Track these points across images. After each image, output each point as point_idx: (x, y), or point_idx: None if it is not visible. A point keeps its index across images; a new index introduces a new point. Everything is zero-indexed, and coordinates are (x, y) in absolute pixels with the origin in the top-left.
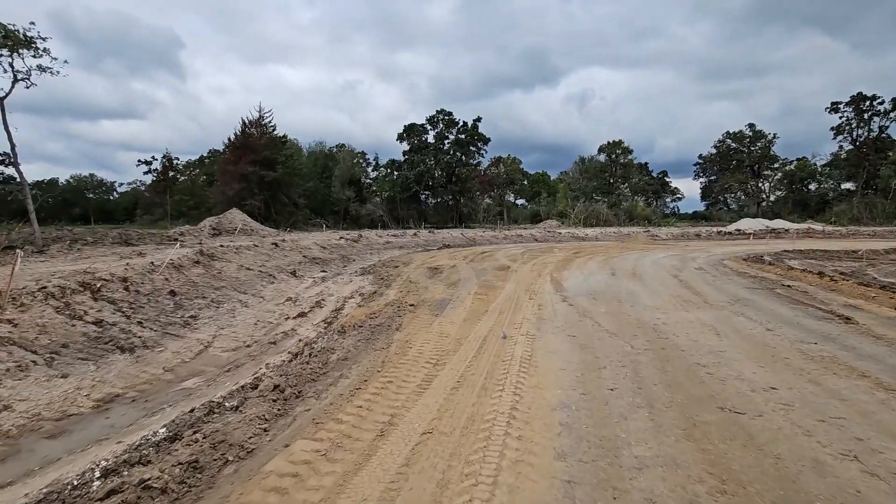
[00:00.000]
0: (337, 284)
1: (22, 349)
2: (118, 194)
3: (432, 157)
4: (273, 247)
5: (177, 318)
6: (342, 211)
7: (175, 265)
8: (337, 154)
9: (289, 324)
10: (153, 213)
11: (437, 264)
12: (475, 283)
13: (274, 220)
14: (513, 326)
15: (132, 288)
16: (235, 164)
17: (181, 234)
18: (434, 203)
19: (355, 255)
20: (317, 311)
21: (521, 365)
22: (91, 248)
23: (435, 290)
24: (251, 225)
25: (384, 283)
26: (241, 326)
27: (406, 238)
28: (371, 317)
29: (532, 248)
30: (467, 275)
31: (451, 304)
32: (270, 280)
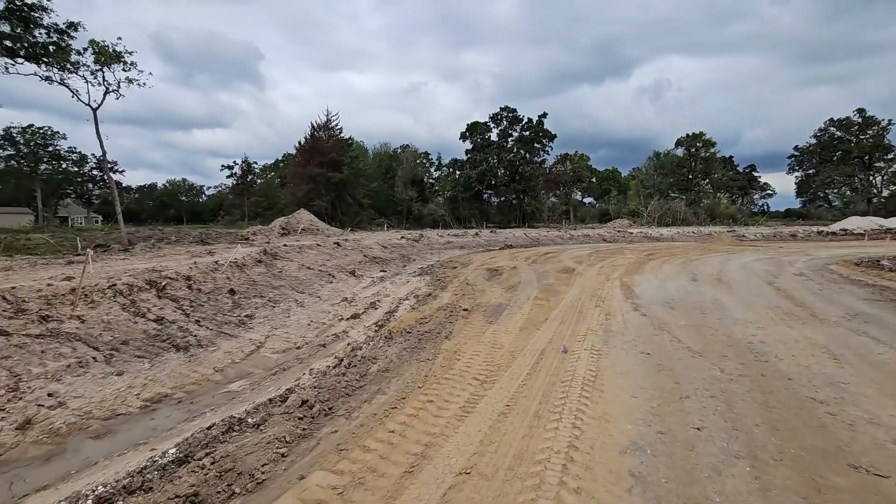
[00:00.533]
0: (394, 285)
1: (86, 345)
2: (206, 197)
3: (495, 155)
4: (335, 246)
5: (233, 317)
6: (405, 211)
7: (238, 264)
8: (400, 155)
9: (341, 325)
10: (233, 213)
11: (497, 266)
12: (536, 287)
13: (339, 220)
14: (575, 339)
15: (195, 286)
16: (304, 167)
17: (253, 233)
18: (497, 202)
19: (415, 254)
20: (371, 313)
21: (583, 388)
22: (171, 246)
23: (492, 293)
24: (317, 225)
25: (440, 284)
26: (294, 327)
27: (467, 238)
28: (421, 322)
29: (600, 249)
30: (528, 277)
31: (507, 311)
32: (329, 279)
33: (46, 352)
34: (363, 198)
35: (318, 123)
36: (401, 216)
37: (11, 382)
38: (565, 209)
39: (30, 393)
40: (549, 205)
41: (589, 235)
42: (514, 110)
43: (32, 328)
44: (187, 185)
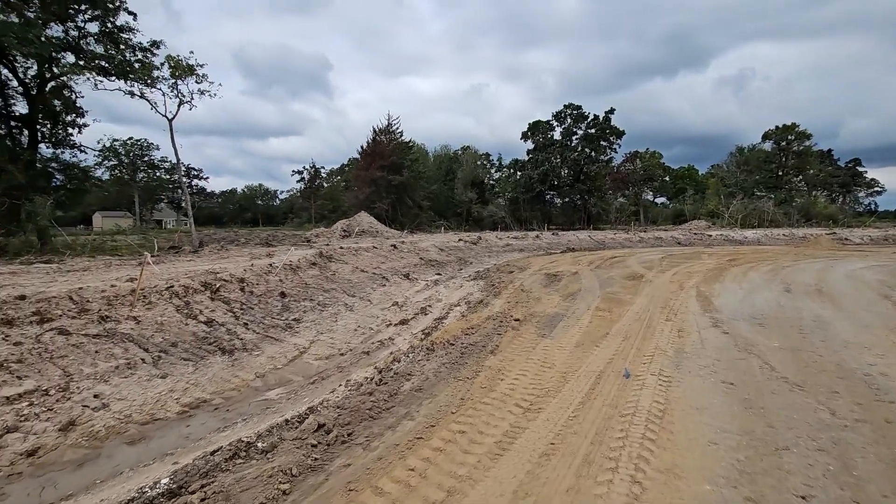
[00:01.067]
0: (448, 289)
1: (137, 346)
2: (279, 200)
3: (558, 154)
4: (391, 249)
5: (280, 321)
6: (465, 213)
7: (292, 267)
8: (461, 156)
9: (388, 331)
10: (301, 216)
11: (557, 270)
12: (597, 296)
13: (399, 222)
14: (640, 360)
15: (247, 289)
16: (366, 170)
17: (316, 235)
18: (560, 203)
19: (472, 257)
20: (420, 319)
21: (648, 425)
22: (238, 248)
23: (548, 301)
24: (376, 227)
25: (493, 290)
26: (340, 332)
27: (527, 241)
28: (467, 332)
29: (673, 254)
30: (590, 284)
31: (563, 322)
32: (382, 283)
33: (100, 352)
34: (423, 200)
35: (380, 127)
36: (460, 218)
37: (63, 382)
38: (634, 210)
39: (78, 393)
40: (616, 206)
41: (661, 238)
42: (578, 107)
43: (91, 328)
44: (263, 189)
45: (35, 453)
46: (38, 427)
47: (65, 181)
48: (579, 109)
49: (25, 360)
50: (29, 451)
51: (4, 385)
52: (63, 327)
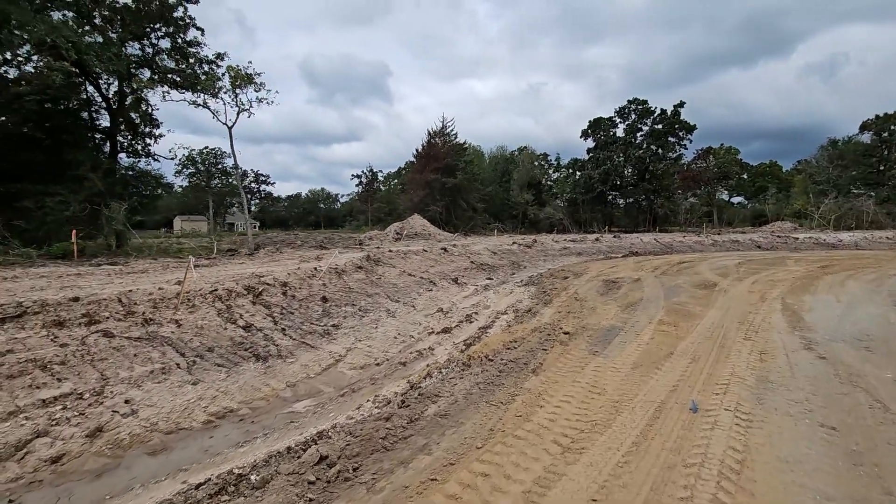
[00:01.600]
0: (497, 295)
1: (174, 350)
2: (340, 204)
3: (621, 152)
4: (441, 252)
5: (318, 327)
6: (520, 215)
7: (338, 270)
8: (517, 157)
9: (430, 340)
10: (358, 219)
11: (617, 276)
12: (662, 307)
13: (453, 225)
14: (712, 389)
15: (289, 293)
16: (420, 173)
17: (369, 238)
18: (623, 204)
19: (527, 261)
20: (463, 328)
21: (720, 483)
22: (292, 251)
23: (604, 312)
24: (429, 229)
25: (544, 297)
26: (379, 339)
27: (586, 244)
28: (509, 346)
29: (752, 259)
30: (653, 293)
31: (620, 337)
32: (429, 287)
33: (138, 356)
34: (477, 202)
35: (434, 130)
36: (516, 220)
37: (99, 386)
38: (707, 211)
39: (110, 398)
40: (686, 206)
41: (738, 241)
42: (643, 102)
43: (134, 331)
44: (325, 193)
45: (59, 460)
46: (67, 433)
47: (139, 188)
48: (645, 104)
49: (68, 361)
50: (54, 458)
51: (44, 387)
52: (108, 329)
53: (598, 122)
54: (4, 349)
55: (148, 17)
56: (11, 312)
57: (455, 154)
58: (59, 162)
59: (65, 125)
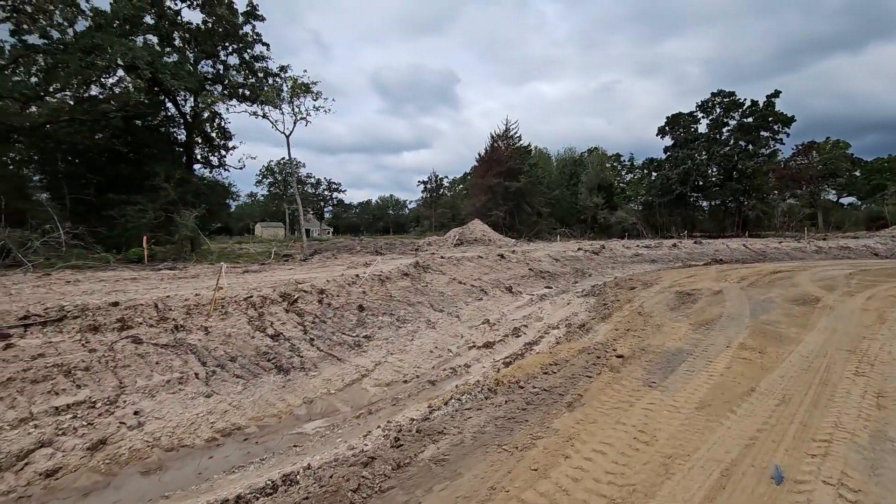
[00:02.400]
0: (553, 306)
1: (197, 359)
2: (408, 210)
3: (704, 150)
4: (498, 258)
5: (350, 337)
6: (589, 219)
7: (382, 277)
8: (586, 158)
9: (468, 356)
10: (423, 224)
11: (693, 288)
12: (746, 326)
13: (517, 230)
14: (806, 447)
15: (325, 300)
16: (483, 177)
17: (428, 243)
18: (707, 206)
19: (592, 269)
20: (508, 343)
21: None
22: (347, 257)
23: (671, 331)
24: (489, 235)
25: (603, 311)
26: (413, 353)
27: (662, 250)
28: (548, 370)
29: (867, 268)
30: (737, 308)
31: (686, 364)
32: (479, 296)
33: (160, 363)
34: (542, 206)
35: (497, 133)
36: (584, 225)
37: (114, 395)
38: (810, 213)
39: (122, 408)
40: (782, 208)
41: (848, 247)
42: (731, 93)
43: (163, 337)
44: (394, 200)
45: (54, 474)
46: (70, 444)
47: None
48: (731, 96)
49: (92, 367)
50: (49, 471)
51: (62, 393)
52: (138, 336)
53: (677, 118)
54: (37, 353)
55: (218, 35)
56: (54, 316)
57: (518, 157)
58: (141, 174)
59: (147, 139)
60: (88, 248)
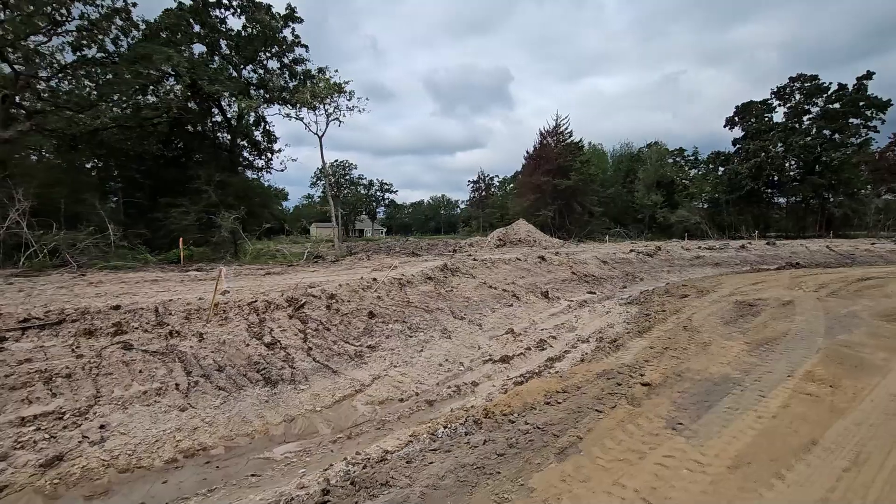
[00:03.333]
0: (592, 314)
1: (182, 368)
2: (459, 210)
3: (779, 141)
4: (538, 261)
5: (352, 347)
6: (647, 218)
7: (403, 281)
8: (644, 154)
9: (480, 371)
10: (471, 225)
11: (759, 297)
12: (817, 349)
13: (567, 230)
14: None
15: (334, 306)
16: (531, 176)
17: (470, 244)
18: (785, 204)
19: (644, 272)
20: (529, 356)
21: None
22: (382, 257)
23: (720, 351)
24: (534, 235)
25: (643, 323)
26: (419, 366)
27: (727, 252)
28: (551, 398)
29: None
30: (808, 324)
31: (728, 400)
32: (510, 302)
33: (143, 371)
34: (594, 205)
35: (546, 129)
36: (642, 225)
37: (86, 405)
38: None
39: (90, 420)
40: (877, 205)
41: None
42: (813, 77)
43: (154, 343)
44: (445, 200)
45: (0, 492)
46: (24, 459)
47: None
48: (814, 80)
49: (74, 374)
50: None
51: (36, 402)
52: (129, 341)
53: (748, 107)
54: (25, 357)
55: (258, 41)
56: (53, 319)
57: (569, 154)
58: (187, 177)
59: (193, 144)
60: (134, 249)
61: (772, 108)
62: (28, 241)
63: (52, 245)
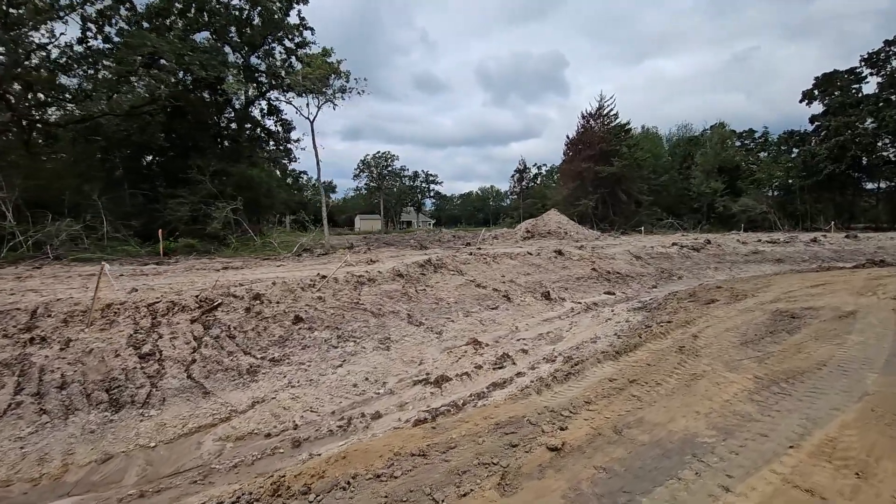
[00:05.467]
0: (594, 320)
1: (15, 384)
2: (508, 201)
3: (870, 116)
4: (554, 256)
5: (248, 361)
6: (705, 207)
7: (363, 279)
8: (704, 136)
9: (402, 396)
10: (513, 216)
11: (812, 304)
12: (860, 395)
13: (610, 221)
14: None
15: (256, 308)
16: (570, 163)
17: (494, 237)
18: (876, 190)
19: (685, 270)
20: (475, 378)
21: None
22: (381, 251)
23: (708, 391)
24: (565, 227)
25: (635, 338)
26: (325, 386)
27: (794, 246)
28: (394, 463)
29: None
30: (862, 350)
31: (662, 495)
32: (495, 304)
33: None
34: (645, 193)
35: (589, 112)
36: (700, 215)
37: None
38: None
39: None
40: None
41: None
42: None
43: (6, 352)
44: (494, 191)
45: None
46: None
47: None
48: None
49: None
50: None
51: None
52: None
53: (831, 78)
54: None
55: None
56: None
57: (614, 137)
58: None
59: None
60: (126, 240)
61: (861, 77)
62: (14, 232)
63: (36, 237)
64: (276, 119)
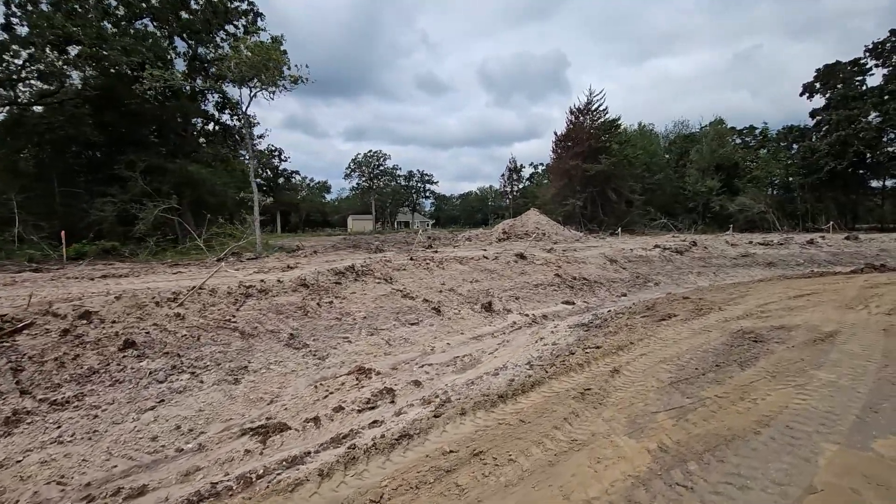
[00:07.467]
0: (532, 338)
1: None
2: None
3: (875, 109)
4: (515, 260)
5: (12, 405)
6: (700, 207)
7: (253, 291)
8: (699, 134)
9: (216, 452)
10: (503, 216)
11: (787, 322)
12: (808, 480)
13: (600, 221)
14: None
15: (78, 330)
16: (559, 160)
17: (467, 238)
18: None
19: (664, 275)
20: (317, 429)
21: None
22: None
23: (568, 482)
24: (544, 228)
25: (539, 372)
26: (103, 443)
27: (788, 248)
28: None
29: None
30: (832, 395)
31: None
32: (417, 319)
33: None
34: (634, 193)
35: (578, 107)
36: (695, 214)
37: None
38: None
39: None
40: None
41: None
42: None
43: None
44: (493, 190)
45: None
46: None
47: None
48: None
49: None
50: None
51: None
52: None
53: (833, 69)
54: None
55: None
56: None
57: (603, 134)
58: (114, 163)
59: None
60: (38, 242)
61: (865, 69)
62: None
63: None
64: (231, 113)
